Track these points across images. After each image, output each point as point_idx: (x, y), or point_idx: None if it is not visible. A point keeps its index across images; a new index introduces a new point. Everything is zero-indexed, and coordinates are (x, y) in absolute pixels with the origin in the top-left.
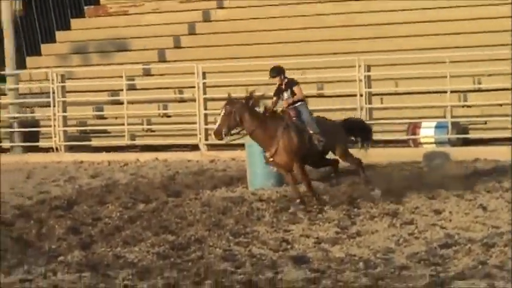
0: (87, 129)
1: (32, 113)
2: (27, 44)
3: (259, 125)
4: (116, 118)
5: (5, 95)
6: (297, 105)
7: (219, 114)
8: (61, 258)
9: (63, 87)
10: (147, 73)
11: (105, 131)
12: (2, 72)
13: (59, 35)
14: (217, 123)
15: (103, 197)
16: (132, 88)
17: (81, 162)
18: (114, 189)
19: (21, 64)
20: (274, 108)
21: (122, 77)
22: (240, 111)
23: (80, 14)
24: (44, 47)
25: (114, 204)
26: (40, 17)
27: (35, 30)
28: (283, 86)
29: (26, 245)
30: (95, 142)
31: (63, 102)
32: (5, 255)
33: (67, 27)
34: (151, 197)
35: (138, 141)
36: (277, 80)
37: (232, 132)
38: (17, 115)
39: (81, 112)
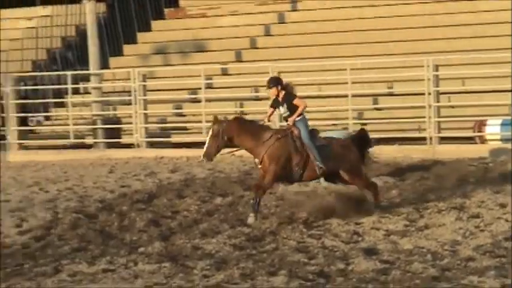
0: (167, 126)
1: (114, 110)
2: (110, 45)
3: (250, 137)
4: (194, 115)
5: (89, 93)
6: (296, 119)
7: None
8: (142, 249)
9: (144, 86)
10: (225, 72)
11: (184, 128)
12: (87, 72)
13: (140, 36)
14: (205, 146)
15: (182, 191)
16: (210, 87)
17: (162, 157)
18: (193, 183)
19: (104, 64)
20: (268, 120)
21: (200, 76)
22: (228, 130)
23: (161, 16)
24: (126, 48)
25: (192, 198)
26: (122, 19)
27: (117, 32)
28: (280, 99)
29: (108, 236)
30: (174, 138)
31: (144, 100)
32: (88, 246)
33: (148, 28)
34: (228, 191)
35: None
36: (273, 91)
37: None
38: (100, 113)
39: (161, 110)
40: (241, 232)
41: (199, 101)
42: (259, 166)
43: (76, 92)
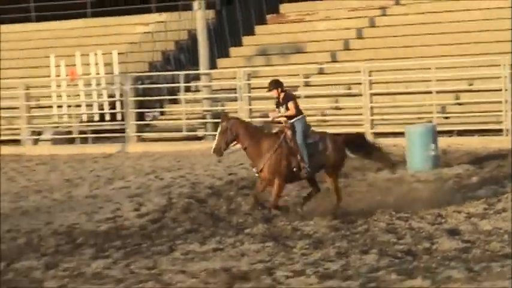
0: (269, 120)
1: (222, 106)
2: (218, 47)
3: (252, 141)
4: None
5: (199, 91)
6: (293, 121)
7: (217, 132)
8: (247, 230)
9: (248, 84)
10: (321, 72)
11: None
12: (197, 72)
13: (245, 39)
14: (215, 141)
15: None
16: (307, 85)
17: None
18: None
19: (213, 65)
20: (274, 119)
21: (298, 75)
22: (235, 127)
23: (263, 22)
24: (233, 50)
25: (292, 185)
26: (229, 25)
27: (225, 36)
28: (281, 100)
29: (217, 219)
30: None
31: (249, 97)
32: (199, 228)
33: (252, 33)
34: (324, 178)
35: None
36: (274, 93)
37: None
38: (209, 108)
39: (264, 105)
40: (335, 215)
41: (298, 97)
42: (256, 174)
43: (188, 90)
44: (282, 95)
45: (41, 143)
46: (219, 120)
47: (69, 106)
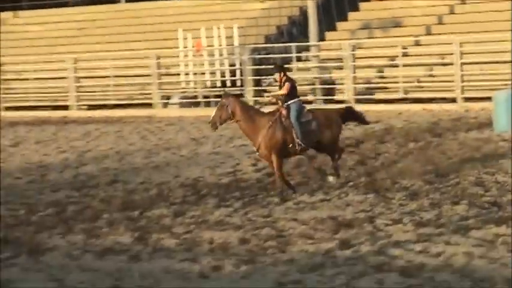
0: (371, 86)
1: (329, 74)
2: (326, 22)
3: (247, 119)
4: (393, 78)
5: (309, 60)
6: (289, 103)
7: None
8: (351, 183)
9: (353, 54)
10: (417, 43)
11: (384, 88)
12: (307, 44)
13: (350, 15)
14: (212, 115)
15: (383, 138)
16: (405, 55)
17: (366, 111)
18: (391, 131)
19: (321, 37)
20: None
21: (397, 46)
22: (232, 104)
23: None
24: (339, 25)
25: (391, 143)
26: (336, 2)
27: (332, 12)
28: (281, 83)
29: (324, 174)
30: (376, 96)
31: (353, 66)
32: (309, 182)
33: (356, 9)
34: (419, 138)
35: (410, 95)
36: (277, 77)
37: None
38: (318, 76)
39: (366, 73)
40: (429, 170)
41: (396, 66)
42: (257, 153)
43: (299, 59)
44: (283, 78)
45: (170, 106)
46: (327, 86)
47: (195, 74)
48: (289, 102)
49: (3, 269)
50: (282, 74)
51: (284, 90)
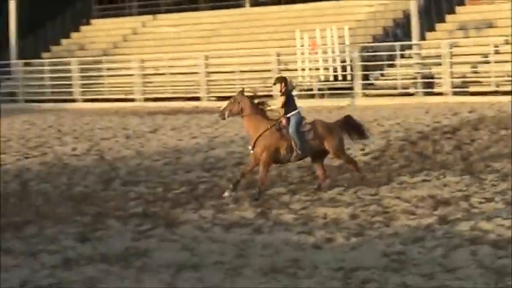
0: (467, 80)
1: (429, 69)
2: (426, 23)
3: (252, 117)
4: (486, 72)
5: (411, 57)
6: (289, 115)
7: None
8: (448, 166)
9: (450, 52)
10: (506, 42)
11: (478, 82)
12: (410, 43)
13: (448, 17)
14: (223, 106)
15: (477, 125)
16: (497, 52)
17: (463, 103)
18: (484, 120)
19: (422, 37)
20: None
21: (489, 45)
22: (243, 102)
23: (462, 3)
24: (438, 26)
25: (484, 130)
26: (435, 5)
27: (431, 14)
28: (282, 94)
29: (425, 157)
30: (472, 89)
31: (450, 62)
32: (411, 164)
33: (453, 12)
34: (510, 125)
35: (501, 88)
36: (277, 87)
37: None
38: (419, 71)
39: (462, 69)
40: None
41: (488, 62)
42: (251, 152)
43: (402, 56)
44: (283, 89)
45: None
46: (427, 80)
47: (310, 69)
48: (288, 115)
49: (143, 239)
50: (283, 84)
51: (279, 104)
